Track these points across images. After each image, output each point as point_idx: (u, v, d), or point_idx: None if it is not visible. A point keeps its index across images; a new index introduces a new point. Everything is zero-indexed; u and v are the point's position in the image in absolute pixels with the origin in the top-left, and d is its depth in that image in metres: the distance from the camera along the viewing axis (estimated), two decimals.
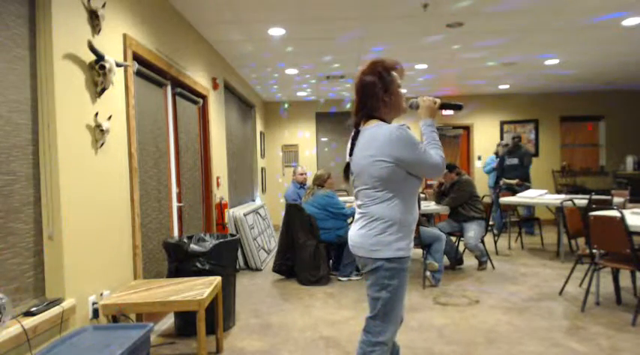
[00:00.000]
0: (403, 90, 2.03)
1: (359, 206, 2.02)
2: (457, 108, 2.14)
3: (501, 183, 7.60)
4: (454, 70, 6.84)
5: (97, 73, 2.59)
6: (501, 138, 9.32)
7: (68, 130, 2.36)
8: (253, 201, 7.57)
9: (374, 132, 1.91)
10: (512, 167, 7.46)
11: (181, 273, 3.18)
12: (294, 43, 5.25)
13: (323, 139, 9.59)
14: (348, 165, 2.06)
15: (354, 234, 2.00)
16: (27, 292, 2.16)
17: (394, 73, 1.98)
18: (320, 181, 5.21)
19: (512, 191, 7.14)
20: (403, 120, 1.98)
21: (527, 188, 7.22)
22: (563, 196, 6.24)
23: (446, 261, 5.20)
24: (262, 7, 4.09)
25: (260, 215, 6.60)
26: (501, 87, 8.49)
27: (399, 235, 1.90)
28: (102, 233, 2.69)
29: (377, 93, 1.95)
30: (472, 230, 5.14)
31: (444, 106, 2.06)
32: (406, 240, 1.93)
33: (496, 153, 8.16)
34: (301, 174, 6.16)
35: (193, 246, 3.24)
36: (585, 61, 6.48)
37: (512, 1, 4.08)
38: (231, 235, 3.69)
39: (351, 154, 2.03)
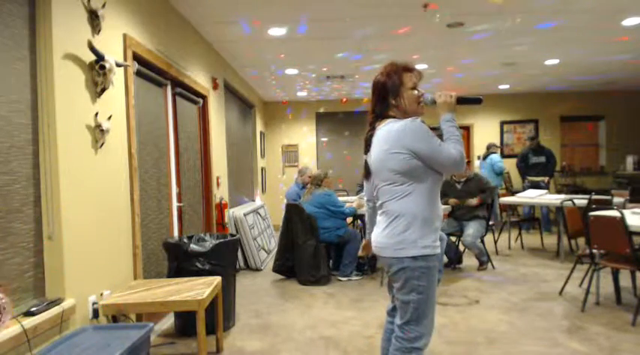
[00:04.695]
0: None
1: (379, 206, 1.99)
2: (476, 102, 2.00)
3: (526, 181, 7.69)
4: (454, 70, 6.84)
5: (97, 73, 2.59)
6: (501, 138, 9.35)
7: (68, 130, 2.36)
8: (253, 201, 7.57)
9: (389, 128, 1.90)
10: (539, 165, 7.62)
11: (181, 273, 3.18)
12: (295, 43, 5.25)
13: (323, 139, 9.60)
14: (366, 164, 2.06)
15: (378, 235, 1.97)
16: (27, 292, 2.16)
17: (405, 76, 1.95)
18: (317, 180, 5.22)
19: (538, 188, 7.20)
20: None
21: (548, 185, 7.49)
22: (563, 196, 6.24)
23: (445, 260, 5.20)
24: (262, 7, 4.09)
25: (260, 215, 6.60)
26: (501, 87, 8.49)
27: (423, 232, 1.85)
28: (102, 233, 2.69)
29: (385, 96, 1.96)
30: (472, 228, 5.16)
31: (461, 100, 1.96)
32: (431, 237, 1.87)
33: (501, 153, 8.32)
34: (309, 177, 6.19)
35: (193, 246, 3.24)
36: (585, 61, 6.48)
37: (512, 1, 4.09)
38: (231, 235, 3.69)
39: (366, 152, 2.04)
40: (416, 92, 1.97)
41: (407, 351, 1.91)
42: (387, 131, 1.90)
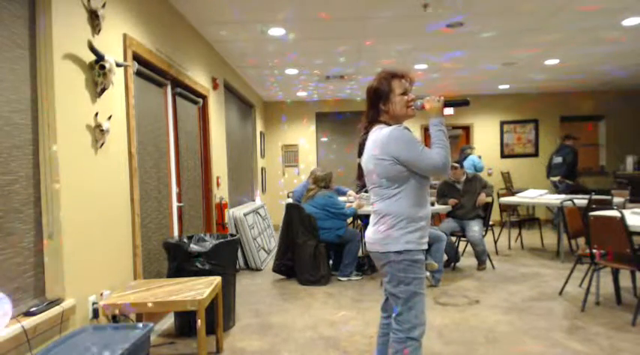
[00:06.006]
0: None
1: (372, 204, 2.14)
2: (463, 104, 2.11)
3: (549, 182, 7.74)
4: (454, 70, 6.84)
5: (97, 72, 2.59)
6: (501, 138, 9.36)
7: (68, 130, 2.36)
8: (253, 201, 7.57)
9: (377, 134, 2.05)
10: (557, 165, 7.64)
11: (181, 273, 3.18)
12: (294, 43, 5.24)
13: (323, 139, 9.59)
14: (359, 166, 2.21)
15: (369, 231, 2.14)
16: (27, 292, 2.16)
17: (394, 82, 2.07)
18: (325, 182, 5.17)
19: (555, 188, 7.21)
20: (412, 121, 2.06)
21: (568, 185, 7.41)
22: (563, 196, 6.24)
23: (445, 258, 5.20)
24: (262, 7, 4.09)
25: (260, 215, 6.60)
26: (501, 87, 8.49)
27: (407, 229, 2.00)
28: (102, 233, 2.69)
29: (375, 102, 2.10)
30: (476, 225, 5.22)
31: (448, 104, 2.05)
32: (416, 234, 2.02)
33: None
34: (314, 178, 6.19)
35: (193, 246, 3.24)
36: (585, 61, 6.48)
37: (512, 1, 4.09)
38: (231, 235, 3.69)
39: (359, 156, 2.18)
40: (406, 98, 2.07)
41: (403, 341, 2.03)
42: (375, 137, 2.05)
